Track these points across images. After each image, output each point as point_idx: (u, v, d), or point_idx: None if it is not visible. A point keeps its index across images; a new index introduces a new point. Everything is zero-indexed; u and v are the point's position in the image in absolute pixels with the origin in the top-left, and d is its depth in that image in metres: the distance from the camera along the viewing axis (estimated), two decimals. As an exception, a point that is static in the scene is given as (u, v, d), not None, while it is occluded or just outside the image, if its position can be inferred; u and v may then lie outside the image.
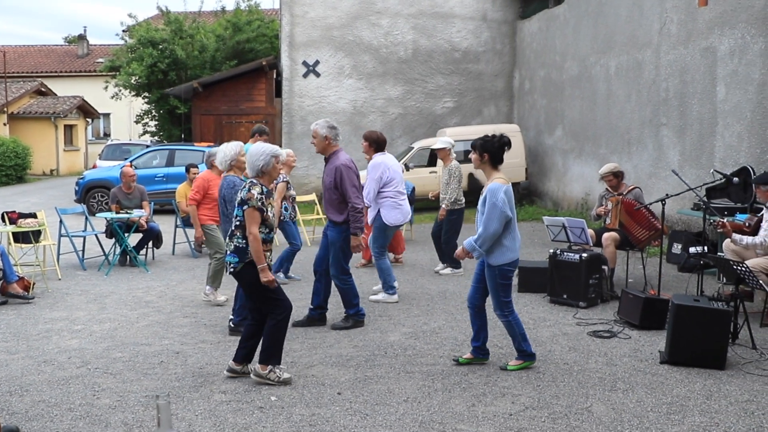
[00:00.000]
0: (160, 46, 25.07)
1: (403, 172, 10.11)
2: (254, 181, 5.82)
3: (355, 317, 7.55)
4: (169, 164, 18.51)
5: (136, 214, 11.05)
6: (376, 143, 8.56)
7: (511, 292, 6.09)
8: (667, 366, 6.20)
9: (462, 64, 20.31)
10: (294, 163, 10.03)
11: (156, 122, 27.59)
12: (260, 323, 5.98)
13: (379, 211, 8.51)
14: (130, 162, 17.11)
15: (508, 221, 5.86)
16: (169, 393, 2.89)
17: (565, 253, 8.40)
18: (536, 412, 5.23)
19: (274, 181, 9.46)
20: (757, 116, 9.97)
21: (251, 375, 5.89)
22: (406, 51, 20.06)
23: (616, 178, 9.22)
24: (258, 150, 5.87)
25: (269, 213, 5.78)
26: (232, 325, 7.37)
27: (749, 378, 5.91)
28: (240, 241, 5.77)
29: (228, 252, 5.88)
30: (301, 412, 5.25)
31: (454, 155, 10.55)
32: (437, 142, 10.56)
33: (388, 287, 8.64)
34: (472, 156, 6.08)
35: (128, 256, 11.18)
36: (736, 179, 8.76)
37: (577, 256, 8.25)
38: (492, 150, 5.95)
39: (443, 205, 10.14)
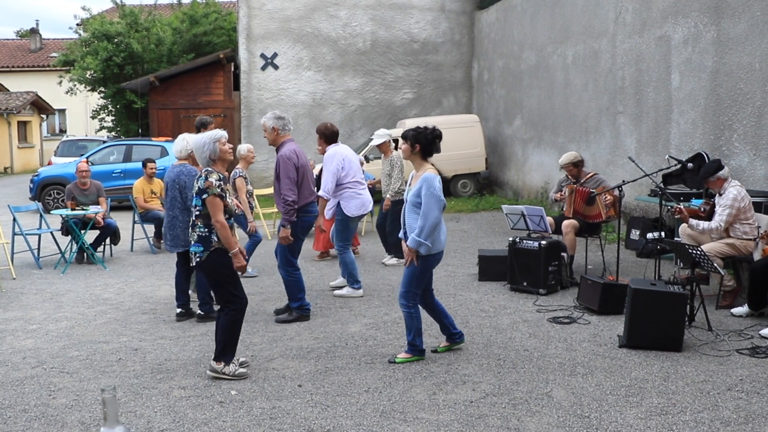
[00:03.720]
0: (116, 40, 24.67)
1: (362, 164, 10.15)
2: (209, 169, 5.77)
3: (299, 311, 7.50)
4: (126, 160, 18.24)
5: (92, 210, 10.87)
6: (327, 135, 8.45)
7: (422, 285, 6.06)
8: (625, 350, 6.26)
9: (421, 55, 20.33)
10: (253, 159, 9.93)
11: (113, 117, 27.16)
12: None
13: (339, 203, 8.45)
14: (87, 158, 16.84)
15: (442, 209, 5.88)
16: (115, 387, 2.82)
17: (525, 241, 8.45)
18: (497, 398, 5.25)
19: (233, 174, 9.45)
20: (710, 103, 10.11)
21: (208, 371, 5.85)
22: (365, 42, 20.01)
23: (576, 167, 9.29)
24: (200, 141, 5.83)
25: (228, 199, 5.75)
26: (201, 313, 7.50)
27: (705, 359, 6.00)
28: (202, 230, 5.71)
29: (192, 243, 5.81)
30: (262, 406, 5.21)
31: (394, 145, 10.60)
32: (375, 139, 10.56)
33: (354, 281, 8.58)
34: (403, 146, 6.04)
35: (85, 254, 11.00)
36: (690, 165, 8.88)
37: (536, 244, 8.31)
38: (424, 141, 5.94)
39: (387, 196, 10.18)
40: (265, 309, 7.91)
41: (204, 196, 5.66)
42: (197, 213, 5.75)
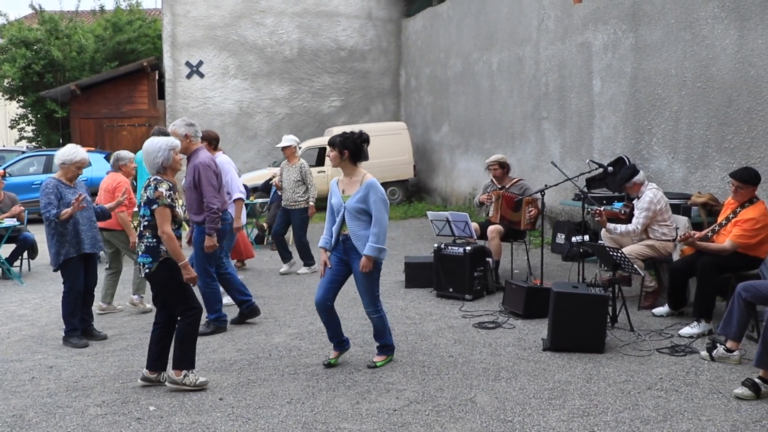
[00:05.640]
0: (35, 47, 23.93)
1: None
2: (158, 178, 5.60)
3: (216, 323, 7.35)
4: (46, 171, 17.67)
5: (6, 224, 10.43)
6: (216, 141, 8.34)
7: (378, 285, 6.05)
8: (549, 353, 6.31)
9: (348, 62, 20.30)
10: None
11: (33, 127, 26.35)
12: (166, 326, 5.79)
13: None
14: (4, 169, 16.24)
15: None
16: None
17: (450, 247, 8.45)
18: (420, 405, 5.20)
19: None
20: (630, 108, 10.32)
21: (165, 382, 5.67)
22: (292, 50, 19.89)
23: (502, 168, 9.35)
24: (154, 146, 5.64)
25: (179, 209, 5.63)
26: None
27: (627, 359, 6.08)
28: (151, 240, 5.55)
29: (139, 253, 5.62)
30: (181, 421, 5.06)
31: (300, 153, 10.61)
32: (282, 140, 10.42)
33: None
34: (331, 153, 5.96)
35: (1, 269, 10.58)
36: (610, 168, 9.03)
37: (461, 250, 8.32)
38: (352, 147, 5.89)
39: (312, 204, 10.14)
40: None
41: (153, 206, 5.50)
42: (145, 223, 5.57)
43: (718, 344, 6.00)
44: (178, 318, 5.74)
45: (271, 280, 9.83)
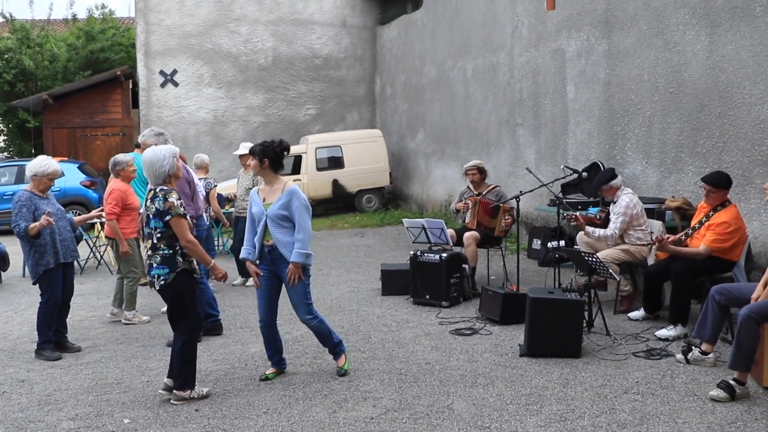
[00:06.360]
0: (6, 56, 23.63)
1: None
2: (165, 188, 5.52)
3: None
4: (18, 181, 17.44)
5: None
6: None
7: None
8: (526, 358, 6.30)
9: (323, 70, 20.28)
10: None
11: (5, 137, 26.02)
12: None
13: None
14: (-26, 180, 16.06)
15: None
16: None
17: (426, 254, 8.44)
18: (398, 413, 5.18)
19: (206, 185, 9.26)
20: (604, 114, 10.39)
21: (173, 401, 5.59)
22: (267, 58, 19.84)
23: (480, 173, 9.39)
24: (158, 155, 5.55)
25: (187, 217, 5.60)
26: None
27: (603, 364, 6.10)
28: (167, 251, 5.48)
29: (153, 266, 5.52)
30: (155, 433, 5.00)
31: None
32: (240, 148, 10.32)
33: None
34: (252, 162, 5.94)
35: (-29, 280, 10.44)
36: (585, 174, 9.08)
37: (437, 257, 8.31)
38: (272, 155, 5.86)
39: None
40: (163, 332, 7.61)
41: (167, 217, 5.43)
42: (158, 235, 5.48)
43: (693, 347, 6.04)
44: (175, 329, 5.67)
45: (246, 289, 9.76)
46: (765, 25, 7.65)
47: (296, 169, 17.29)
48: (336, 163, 17.73)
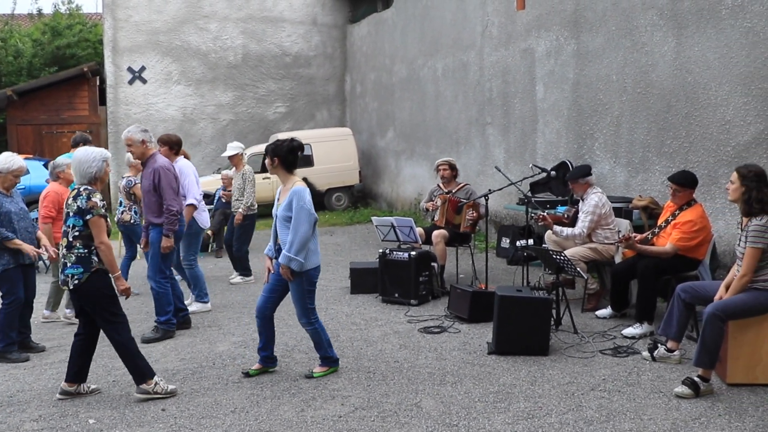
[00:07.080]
0: (-32, 51, 23.28)
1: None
2: (89, 188, 5.49)
3: (165, 326, 7.32)
4: (-18, 179, 17.14)
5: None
6: (178, 145, 8.30)
7: (315, 298, 5.97)
8: (494, 356, 6.32)
9: (293, 68, 20.21)
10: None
11: (-32, 134, 25.58)
12: (91, 337, 5.71)
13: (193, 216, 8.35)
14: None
15: (314, 224, 5.77)
16: None
17: (395, 252, 8.44)
18: (366, 411, 5.16)
19: (126, 183, 9.21)
20: (573, 113, 10.46)
21: (136, 393, 5.54)
22: (236, 56, 19.72)
23: (451, 169, 9.41)
24: (87, 156, 5.52)
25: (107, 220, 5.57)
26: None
27: (570, 361, 6.13)
28: (82, 251, 5.43)
29: (68, 265, 5.46)
30: (121, 433, 4.93)
31: (246, 160, 10.68)
32: (227, 149, 10.35)
33: (203, 295, 8.47)
34: (267, 161, 5.93)
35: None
36: (553, 173, 9.13)
37: (406, 255, 8.31)
38: (281, 154, 5.82)
39: (240, 211, 9.94)
40: (132, 330, 7.51)
41: (88, 216, 5.40)
42: (76, 233, 5.44)
43: (659, 345, 6.09)
44: (104, 331, 5.61)
45: (216, 287, 9.68)
46: (731, 28, 7.75)
47: (265, 168, 17.16)
48: (305, 161, 17.64)
